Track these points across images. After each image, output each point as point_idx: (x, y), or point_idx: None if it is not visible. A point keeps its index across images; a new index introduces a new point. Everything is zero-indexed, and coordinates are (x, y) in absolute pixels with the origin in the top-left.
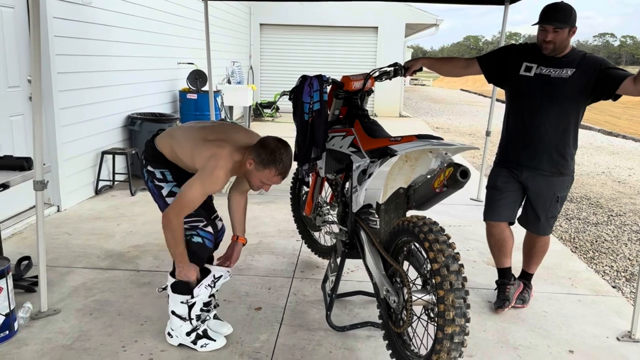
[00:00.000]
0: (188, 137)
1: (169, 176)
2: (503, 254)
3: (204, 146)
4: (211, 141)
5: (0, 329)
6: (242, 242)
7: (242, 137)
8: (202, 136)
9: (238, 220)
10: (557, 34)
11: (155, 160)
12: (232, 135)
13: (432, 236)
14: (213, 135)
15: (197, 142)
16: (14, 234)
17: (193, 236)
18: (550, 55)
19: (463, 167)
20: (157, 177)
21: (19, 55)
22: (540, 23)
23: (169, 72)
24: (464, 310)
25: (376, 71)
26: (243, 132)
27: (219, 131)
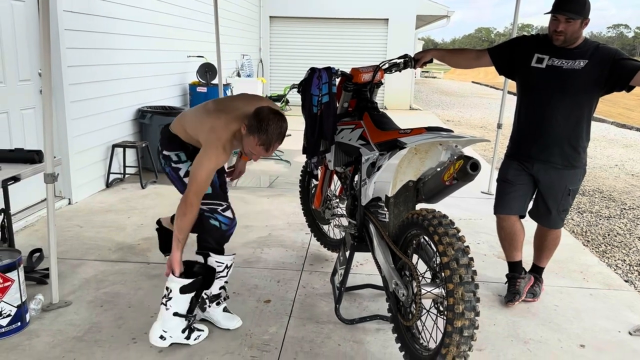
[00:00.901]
0: (194, 113)
1: (183, 157)
2: (514, 247)
3: (204, 118)
4: (210, 113)
5: (12, 320)
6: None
7: (243, 104)
8: (204, 110)
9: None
10: (569, 24)
11: (171, 143)
12: (233, 104)
13: (441, 229)
14: (214, 106)
15: (199, 116)
16: (26, 227)
17: (210, 218)
18: (561, 46)
19: (473, 160)
20: (173, 159)
21: (29, 49)
22: (552, 12)
23: (178, 66)
24: (474, 303)
25: (385, 63)
26: (246, 100)
27: (221, 102)
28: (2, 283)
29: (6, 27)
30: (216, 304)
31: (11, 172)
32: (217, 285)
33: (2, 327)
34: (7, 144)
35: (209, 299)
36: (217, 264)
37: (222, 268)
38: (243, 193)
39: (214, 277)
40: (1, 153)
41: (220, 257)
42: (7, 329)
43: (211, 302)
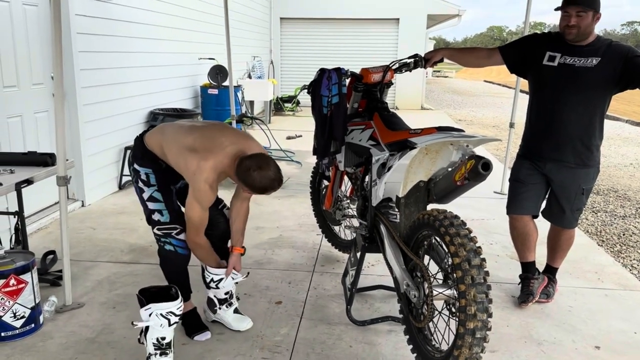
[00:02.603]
0: (176, 140)
1: (152, 178)
2: (527, 247)
3: (189, 156)
4: (196, 152)
5: (26, 322)
6: (238, 252)
7: (228, 141)
8: (188, 144)
9: (236, 230)
10: (580, 18)
11: (143, 157)
12: (218, 140)
13: (453, 230)
14: (199, 142)
15: (182, 150)
16: (39, 229)
17: (165, 244)
18: (574, 42)
19: (485, 160)
20: (141, 177)
21: (42, 53)
22: (563, 7)
23: (190, 68)
24: (486, 305)
25: (396, 63)
26: (231, 136)
27: (206, 137)
28: (16, 285)
29: (19, 31)
30: (226, 306)
31: (24, 175)
32: (221, 291)
33: (17, 328)
34: (20, 147)
35: (218, 301)
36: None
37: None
38: None
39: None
40: (14, 156)
41: (213, 270)
42: (21, 330)
43: (221, 304)
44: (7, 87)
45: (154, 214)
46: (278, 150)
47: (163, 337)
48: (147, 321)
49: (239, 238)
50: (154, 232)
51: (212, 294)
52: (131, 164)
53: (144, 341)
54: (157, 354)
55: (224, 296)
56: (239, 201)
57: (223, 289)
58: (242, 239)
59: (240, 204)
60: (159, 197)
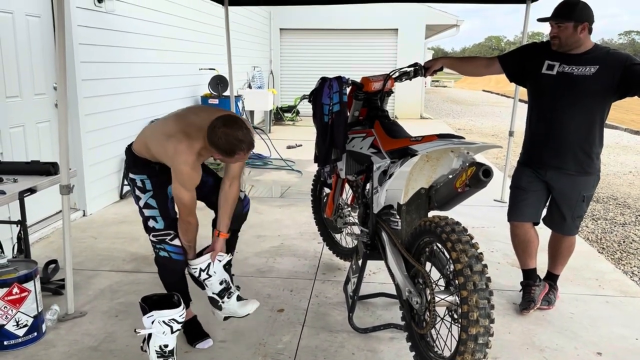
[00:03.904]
0: (154, 132)
1: (147, 184)
2: (528, 254)
3: (166, 142)
4: (171, 136)
5: (28, 330)
6: (223, 237)
7: (200, 120)
8: (165, 131)
9: (222, 214)
10: (560, 29)
11: (135, 165)
12: (192, 120)
13: (454, 236)
14: (174, 127)
15: (160, 139)
16: (41, 238)
17: (160, 250)
18: (567, 51)
19: (485, 166)
20: (137, 185)
21: (44, 63)
22: (545, 19)
23: (190, 78)
24: (488, 311)
25: (396, 72)
26: (204, 114)
27: (180, 120)
28: (19, 293)
29: (22, 42)
30: (227, 296)
31: (28, 184)
32: (215, 284)
33: (19, 337)
34: (23, 156)
35: (219, 295)
36: (193, 269)
37: (198, 273)
38: (255, 203)
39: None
40: (17, 165)
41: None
42: (24, 339)
43: (222, 297)
44: (10, 97)
45: (149, 220)
46: (278, 160)
47: (166, 344)
48: (150, 329)
49: (226, 222)
50: (150, 239)
51: (210, 292)
52: (127, 175)
53: (147, 349)
54: None
55: (221, 287)
56: (227, 182)
57: (216, 279)
58: (228, 223)
59: (229, 186)
60: (154, 203)
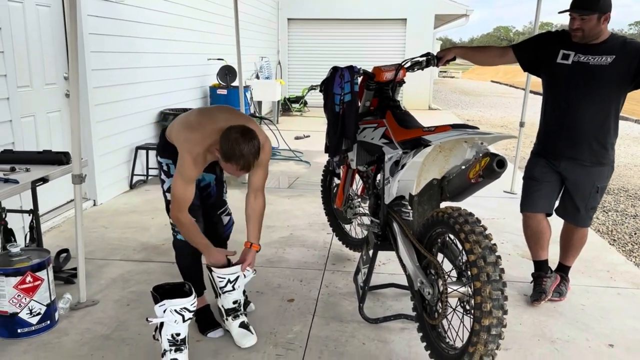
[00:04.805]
0: (180, 120)
1: (172, 169)
2: (540, 246)
3: (183, 129)
4: (189, 125)
5: (41, 319)
6: (255, 249)
7: (223, 119)
8: (187, 121)
9: (252, 226)
10: (584, 21)
11: (164, 149)
12: (213, 117)
13: (468, 227)
14: (195, 118)
15: (180, 126)
16: (52, 228)
17: (178, 234)
18: (582, 42)
19: (499, 157)
20: (163, 168)
21: (55, 53)
22: (566, 11)
23: (199, 68)
24: (502, 302)
25: (408, 61)
26: (228, 114)
27: (203, 114)
28: (32, 282)
29: (32, 32)
30: (232, 317)
31: (40, 174)
32: (230, 299)
33: (32, 325)
34: (33, 146)
35: (225, 312)
36: (219, 279)
37: (224, 283)
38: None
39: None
40: (29, 155)
41: (220, 271)
42: (37, 327)
43: (228, 315)
44: (21, 87)
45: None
46: (287, 150)
47: (178, 333)
48: (162, 317)
49: (255, 234)
50: (170, 222)
51: (220, 303)
52: (157, 157)
53: (159, 337)
54: (172, 350)
55: (232, 305)
56: (252, 195)
57: (235, 295)
58: (259, 235)
59: (254, 198)
60: None
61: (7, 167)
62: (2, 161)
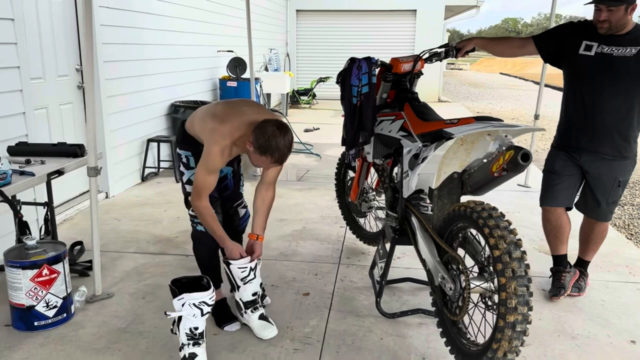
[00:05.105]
0: (203, 111)
1: (192, 161)
2: (559, 240)
3: (209, 120)
4: (216, 116)
5: (58, 312)
6: (261, 240)
7: (251, 112)
8: (212, 112)
9: (260, 218)
10: (611, 12)
11: (183, 140)
12: (240, 110)
13: (492, 222)
14: (222, 110)
15: (205, 117)
16: (65, 220)
17: (197, 224)
18: (608, 34)
19: (524, 150)
20: (182, 160)
21: (67, 45)
22: (593, 2)
23: (209, 60)
24: (527, 298)
25: (426, 52)
26: (254, 108)
27: (230, 106)
28: (49, 275)
29: (45, 24)
30: (252, 310)
31: (55, 166)
32: (249, 291)
33: (49, 318)
34: (46, 138)
35: (244, 305)
36: (240, 269)
37: (247, 272)
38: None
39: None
40: (45, 147)
41: (239, 262)
42: (53, 320)
43: (246, 308)
44: (34, 79)
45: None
46: (297, 143)
47: (196, 327)
48: (180, 311)
49: (262, 226)
50: (189, 214)
51: (238, 297)
52: (175, 149)
53: (177, 331)
54: (190, 344)
55: (251, 298)
56: (263, 187)
57: (254, 285)
58: (264, 227)
59: (265, 190)
60: None
61: (22, 160)
62: (17, 153)
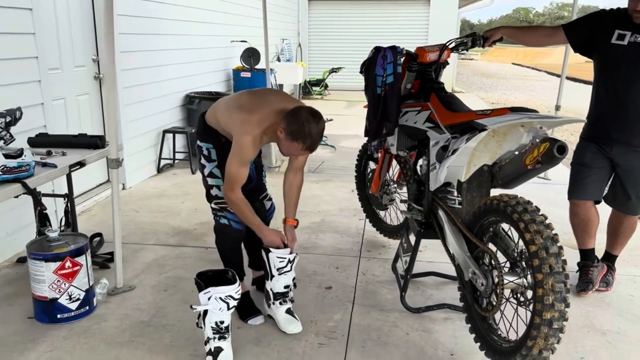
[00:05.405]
0: (227, 103)
1: (213, 154)
2: (587, 234)
3: (236, 112)
4: (243, 107)
5: (81, 304)
6: (291, 224)
7: (278, 101)
8: (238, 102)
9: (288, 202)
10: None
11: (204, 133)
12: (267, 99)
13: (527, 216)
14: (248, 100)
15: (231, 108)
16: (83, 212)
17: (221, 217)
18: None
19: (560, 142)
20: (203, 153)
21: (83, 35)
22: None
23: (222, 51)
24: (564, 294)
25: (452, 42)
26: (280, 97)
27: (255, 96)
28: (72, 267)
29: (62, 14)
30: (280, 302)
31: (76, 158)
32: (281, 283)
33: (72, 310)
34: (63, 129)
35: (274, 296)
36: (279, 259)
37: (285, 263)
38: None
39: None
40: (65, 138)
41: (280, 251)
42: (76, 312)
43: (275, 299)
44: (51, 69)
45: (213, 189)
46: None
47: (222, 321)
48: (206, 305)
49: (292, 210)
50: (212, 206)
51: (270, 286)
52: (195, 141)
53: (202, 325)
54: (215, 337)
55: (282, 290)
56: (291, 173)
57: (288, 277)
58: (294, 211)
59: (294, 175)
60: (218, 173)
61: (43, 151)
62: (38, 144)
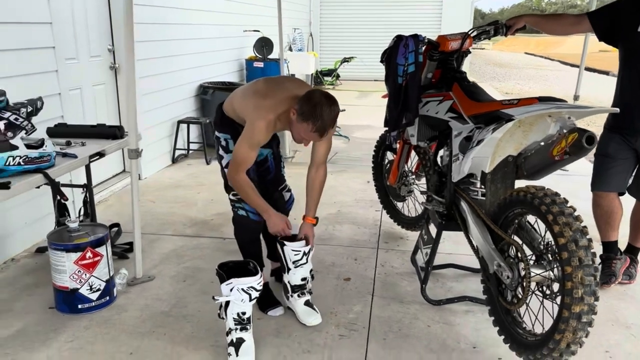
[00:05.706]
0: (243, 92)
1: (230, 144)
2: (610, 226)
3: (251, 96)
4: (258, 93)
5: (101, 294)
6: (309, 222)
7: (294, 87)
8: (253, 90)
9: (310, 199)
10: None
11: (222, 123)
12: (283, 85)
13: (556, 208)
14: (264, 86)
15: (247, 94)
16: (99, 202)
17: (239, 209)
18: None
19: (589, 133)
20: (221, 144)
21: (99, 25)
22: None
23: (235, 40)
24: (594, 287)
25: (474, 30)
26: (296, 83)
27: (271, 82)
28: (92, 258)
29: (78, 3)
30: (299, 295)
31: (96, 148)
32: (298, 275)
33: (93, 301)
34: (80, 119)
35: (292, 288)
36: (294, 252)
37: (300, 256)
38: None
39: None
40: (84, 128)
41: (295, 244)
42: (97, 302)
43: (294, 292)
44: (68, 59)
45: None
46: None
47: (244, 312)
48: (228, 296)
49: (312, 208)
50: (230, 198)
51: (287, 279)
52: (214, 132)
53: (224, 316)
54: (237, 328)
55: (300, 282)
56: (314, 168)
57: (305, 270)
58: (315, 209)
59: (315, 171)
60: None
61: (62, 142)
62: (56, 135)
